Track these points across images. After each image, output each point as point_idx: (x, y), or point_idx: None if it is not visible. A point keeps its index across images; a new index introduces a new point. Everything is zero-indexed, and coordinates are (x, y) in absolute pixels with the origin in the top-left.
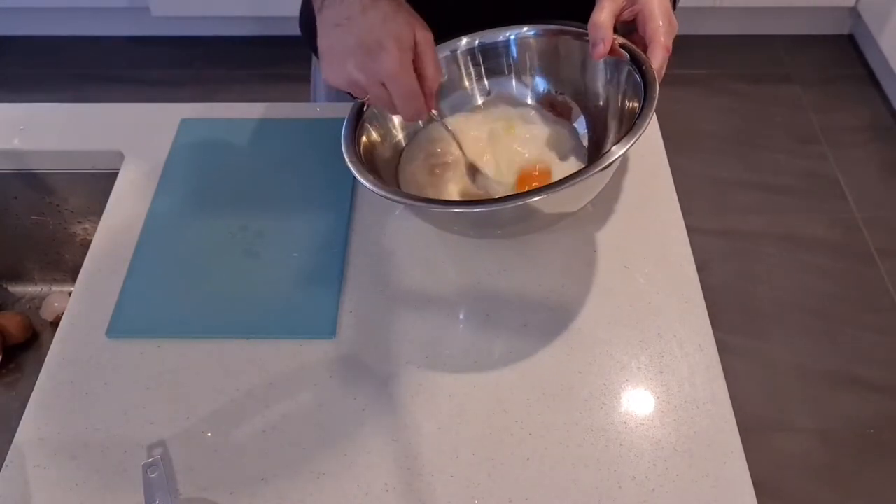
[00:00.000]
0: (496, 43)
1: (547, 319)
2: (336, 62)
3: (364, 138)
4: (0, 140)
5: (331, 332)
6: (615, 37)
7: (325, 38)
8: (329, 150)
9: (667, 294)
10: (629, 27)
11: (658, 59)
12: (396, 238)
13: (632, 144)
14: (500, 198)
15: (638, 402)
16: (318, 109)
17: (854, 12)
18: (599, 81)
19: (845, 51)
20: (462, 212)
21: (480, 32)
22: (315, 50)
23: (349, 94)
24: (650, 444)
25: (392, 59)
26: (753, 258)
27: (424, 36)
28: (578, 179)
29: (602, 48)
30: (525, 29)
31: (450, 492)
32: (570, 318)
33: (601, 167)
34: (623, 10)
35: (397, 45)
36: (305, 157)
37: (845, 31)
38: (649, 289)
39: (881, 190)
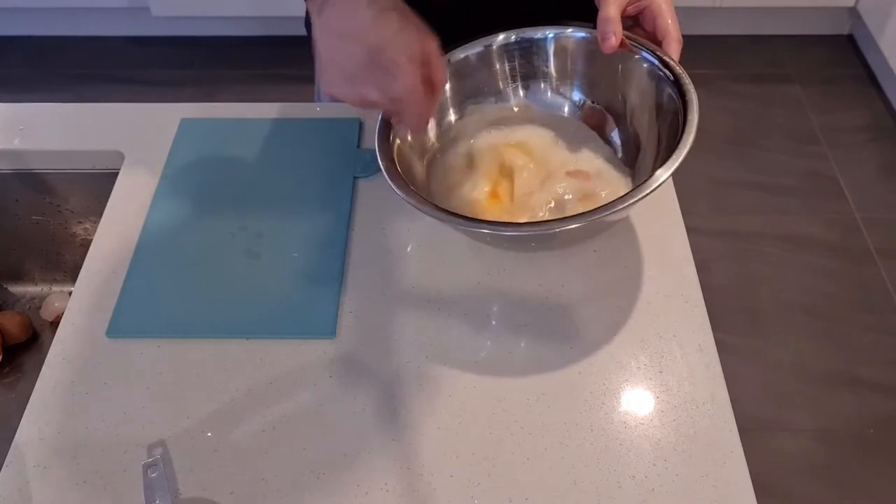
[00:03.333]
0: (531, 43)
1: (547, 319)
2: (345, 78)
3: (398, 141)
4: (0, 140)
5: (331, 332)
6: (634, 37)
7: (329, 49)
8: (329, 150)
9: (667, 294)
10: (630, 21)
11: (675, 52)
12: (396, 238)
13: (675, 167)
14: (547, 221)
15: (638, 401)
16: (318, 109)
17: (854, 12)
18: (635, 93)
19: (845, 51)
20: (498, 234)
21: (516, 30)
22: None
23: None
24: (650, 443)
25: (408, 78)
26: (753, 258)
27: (432, 45)
28: (619, 207)
29: (614, 41)
30: (564, 30)
31: (450, 492)
32: (570, 318)
33: (646, 193)
34: (629, 4)
35: (411, 62)
36: (305, 157)
37: (845, 32)
38: (649, 289)
39: (881, 190)
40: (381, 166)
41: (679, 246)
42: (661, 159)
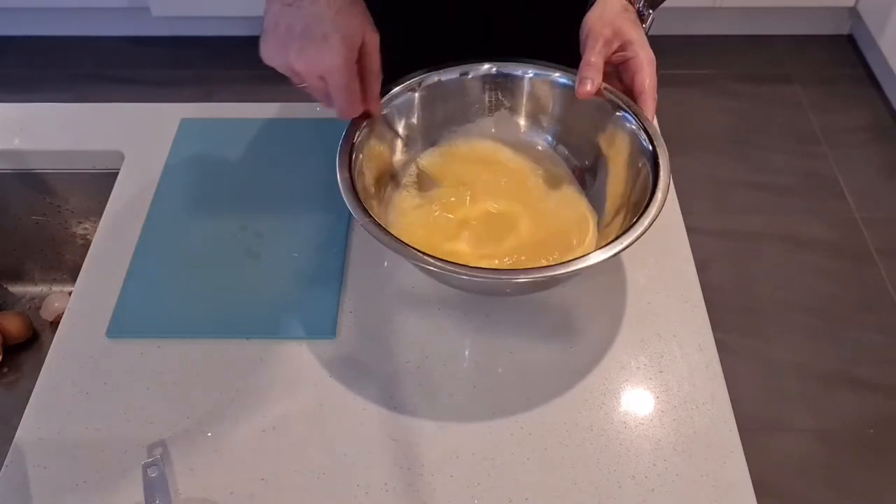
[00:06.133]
0: (511, 79)
1: (547, 319)
2: (277, 43)
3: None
4: (0, 140)
5: (331, 332)
6: (612, 89)
7: (271, 16)
8: (329, 150)
9: (667, 294)
10: (610, 69)
11: (650, 110)
12: None
13: (645, 230)
14: (520, 269)
15: (638, 401)
16: (318, 109)
17: (854, 12)
18: (608, 147)
19: (845, 51)
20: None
21: (498, 63)
22: None
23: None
24: (650, 443)
25: (335, 53)
26: (753, 258)
27: (373, 38)
28: (582, 265)
29: (590, 87)
30: (547, 71)
31: (450, 492)
32: (570, 318)
33: (615, 252)
34: (613, 53)
35: (343, 42)
36: (305, 157)
37: (845, 32)
38: (649, 289)
39: (881, 190)
40: (339, 178)
41: (679, 246)
42: (629, 215)
